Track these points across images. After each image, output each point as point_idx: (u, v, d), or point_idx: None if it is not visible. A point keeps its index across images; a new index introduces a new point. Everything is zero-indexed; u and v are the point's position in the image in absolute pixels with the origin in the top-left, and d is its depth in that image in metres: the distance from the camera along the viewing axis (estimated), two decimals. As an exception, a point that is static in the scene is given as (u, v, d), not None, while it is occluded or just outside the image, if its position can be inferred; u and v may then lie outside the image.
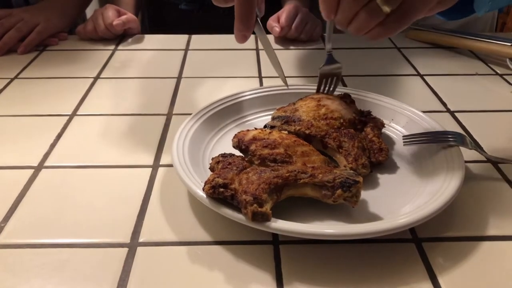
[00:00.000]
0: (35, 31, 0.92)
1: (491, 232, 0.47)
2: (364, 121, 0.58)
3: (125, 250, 0.44)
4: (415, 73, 0.83)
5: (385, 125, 0.59)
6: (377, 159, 0.53)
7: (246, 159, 0.49)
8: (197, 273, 0.42)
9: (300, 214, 0.46)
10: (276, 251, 0.44)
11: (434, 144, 0.55)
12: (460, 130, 0.64)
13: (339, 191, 0.44)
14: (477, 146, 0.56)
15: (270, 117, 0.60)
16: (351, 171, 0.47)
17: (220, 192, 0.43)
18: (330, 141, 0.53)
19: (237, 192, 0.43)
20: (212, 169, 0.49)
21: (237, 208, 0.43)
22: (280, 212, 0.44)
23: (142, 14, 1.26)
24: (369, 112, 0.60)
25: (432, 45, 0.94)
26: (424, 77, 0.81)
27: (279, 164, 0.48)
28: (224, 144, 0.58)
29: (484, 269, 0.43)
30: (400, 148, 0.58)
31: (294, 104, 0.60)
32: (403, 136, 0.58)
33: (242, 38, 0.56)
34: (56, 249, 0.44)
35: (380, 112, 0.62)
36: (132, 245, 0.45)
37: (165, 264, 0.43)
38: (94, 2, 1.18)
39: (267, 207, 0.42)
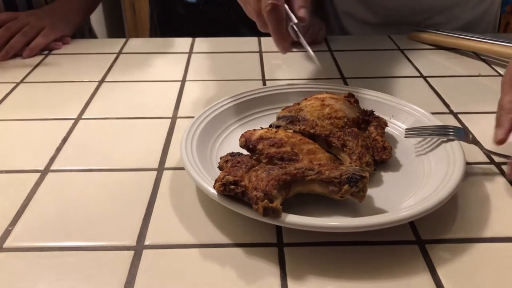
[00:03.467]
0: (40, 35, 0.93)
1: (496, 233, 0.47)
2: (368, 120, 0.59)
3: (131, 253, 0.45)
4: (418, 74, 0.83)
5: (388, 125, 0.60)
6: (381, 157, 0.54)
7: (253, 158, 0.50)
8: (201, 275, 0.42)
9: (308, 210, 0.47)
10: (280, 254, 0.44)
11: (435, 138, 0.57)
12: (463, 132, 0.65)
13: (346, 187, 0.45)
14: (476, 142, 0.58)
15: (274, 116, 0.61)
16: (357, 167, 0.48)
17: (231, 189, 0.44)
18: (335, 140, 0.54)
19: (248, 189, 0.44)
20: (221, 168, 0.50)
21: (247, 205, 0.44)
22: (289, 208, 0.45)
23: (151, 9, 1.27)
24: (372, 112, 0.61)
25: (435, 46, 0.94)
26: (427, 78, 0.81)
27: (286, 162, 0.49)
28: (230, 144, 0.59)
29: (488, 270, 0.43)
30: (403, 146, 0.59)
31: (298, 104, 0.60)
32: (405, 129, 0.60)
33: (283, 49, 0.62)
34: (63, 252, 0.45)
35: (380, 109, 0.63)
36: (138, 248, 0.45)
37: (171, 267, 0.43)
38: (99, 8, 1.19)
39: (277, 203, 0.43)
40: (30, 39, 0.92)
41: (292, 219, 0.43)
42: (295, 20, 0.61)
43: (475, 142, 0.57)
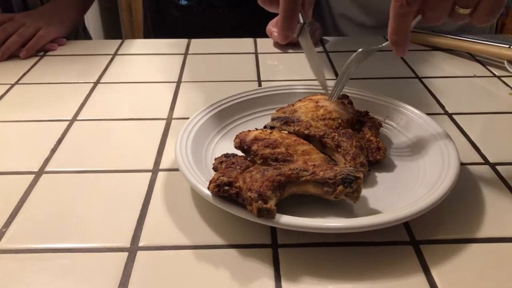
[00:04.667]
0: (37, 35, 0.93)
1: (490, 233, 0.47)
2: (362, 121, 0.59)
3: (125, 255, 0.44)
4: (413, 75, 0.83)
5: (382, 125, 0.60)
6: (375, 158, 0.54)
7: (248, 159, 0.50)
8: (196, 276, 0.42)
9: (302, 211, 0.47)
10: (275, 254, 0.44)
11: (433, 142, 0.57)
12: (458, 132, 0.65)
13: (340, 187, 0.45)
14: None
15: (269, 117, 0.61)
16: (351, 168, 0.48)
17: (225, 190, 0.44)
18: (329, 141, 0.54)
19: (242, 190, 0.44)
20: (215, 169, 0.50)
21: (241, 207, 0.44)
22: (283, 209, 0.45)
23: (144, 12, 1.27)
24: (366, 112, 0.61)
25: (430, 47, 0.95)
26: (422, 79, 0.81)
27: (281, 163, 0.49)
28: (225, 145, 0.59)
29: (482, 270, 0.43)
30: (397, 147, 0.59)
31: (293, 105, 0.60)
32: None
33: (284, 38, 0.58)
34: (57, 254, 0.45)
35: (375, 110, 0.64)
36: (132, 250, 0.45)
37: (165, 268, 0.43)
38: (96, 9, 1.19)
39: (271, 204, 0.43)
40: (26, 39, 0.92)
41: (287, 220, 0.43)
42: (301, 20, 0.60)
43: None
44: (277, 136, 0.52)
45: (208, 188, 0.46)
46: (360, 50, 0.58)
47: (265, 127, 0.58)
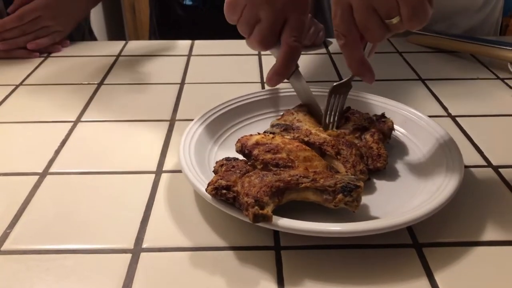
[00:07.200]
0: (50, 37, 0.93)
1: (493, 237, 0.47)
2: (365, 127, 0.58)
3: (128, 256, 0.45)
4: (416, 77, 0.83)
5: (394, 129, 0.59)
6: (375, 166, 0.53)
7: (249, 164, 0.50)
8: (199, 278, 0.42)
9: (305, 214, 0.46)
10: (277, 257, 0.45)
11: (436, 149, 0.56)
12: (461, 135, 0.65)
13: (340, 196, 0.45)
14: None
15: (273, 119, 0.61)
16: (352, 176, 0.48)
17: (222, 194, 0.44)
18: (329, 148, 0.53)
19: (239, 195, 0.44)
20: (216, 172, 0.50)
21: (241, 211, 0.44)
22: (286, 212, 0.45)
23: (150, 11, 1.27)
24: (383, 114, 0.61)
25: (433, 49, 0.95)
26: (425, 81, 0.81)
27: (282, 168, 0.49)
28: (229, 147, 0.59)
29: (486, 274, 0.43)
30: (400, 150, 0.59)
31: (292, 113, 0.60)
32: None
33: (276, 82, 0.59)
34: (61, 255, 0.45)
35: (378, 112, 0.63)
36: (136, 251, 0.45)
37: (168, 270, 0.43)
38: (99, 10, 1.19)
39: (268, 210, 0.43)
40: (39, 38, 0.92)
41: (288, 223, 0.43)
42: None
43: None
44: (279, 141, 0.52)
45: (206, 190, 0.45)
46: (333, 84, 0.59)
47: (265, 132, 0.58)
